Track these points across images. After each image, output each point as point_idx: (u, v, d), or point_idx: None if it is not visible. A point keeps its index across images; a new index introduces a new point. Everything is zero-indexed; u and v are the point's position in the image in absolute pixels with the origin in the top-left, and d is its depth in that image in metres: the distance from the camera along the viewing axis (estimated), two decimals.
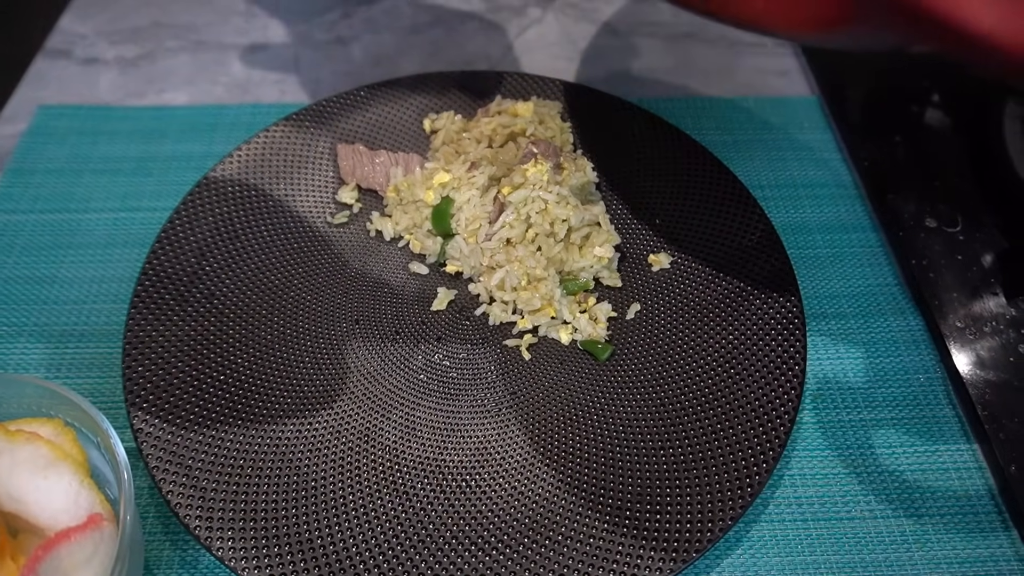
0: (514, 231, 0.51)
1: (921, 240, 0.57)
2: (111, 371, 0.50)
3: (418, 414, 0.48)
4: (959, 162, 0.62)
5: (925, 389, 0.50)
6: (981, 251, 0.56)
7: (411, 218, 0.55)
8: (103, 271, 0.56)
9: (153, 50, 0.74)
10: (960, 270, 0.55)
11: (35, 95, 0.69)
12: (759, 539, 0.44)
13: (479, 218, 0.52)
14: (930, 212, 0.59)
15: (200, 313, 0.50)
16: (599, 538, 0.41)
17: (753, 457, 0.43)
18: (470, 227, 0.52)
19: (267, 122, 0.65)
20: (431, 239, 0.54)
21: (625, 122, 0.61)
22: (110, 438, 0.36)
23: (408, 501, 0.43)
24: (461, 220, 0.53)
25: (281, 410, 0.47)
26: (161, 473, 0.42)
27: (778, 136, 0.66)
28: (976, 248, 0.56)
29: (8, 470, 0.35)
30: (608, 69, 0.73)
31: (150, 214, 0.59)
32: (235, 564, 0.39)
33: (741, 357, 0.48)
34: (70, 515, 0.35)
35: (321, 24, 0.77)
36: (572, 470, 0.45)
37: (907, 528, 0.44)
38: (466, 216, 0.53)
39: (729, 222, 0.54)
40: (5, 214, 0.59)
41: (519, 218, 0.51)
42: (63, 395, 0.37)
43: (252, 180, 0.57)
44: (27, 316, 0.53)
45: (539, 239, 0.51)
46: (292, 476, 0.44)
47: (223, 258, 0.53)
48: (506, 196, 0.51)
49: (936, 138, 0.64)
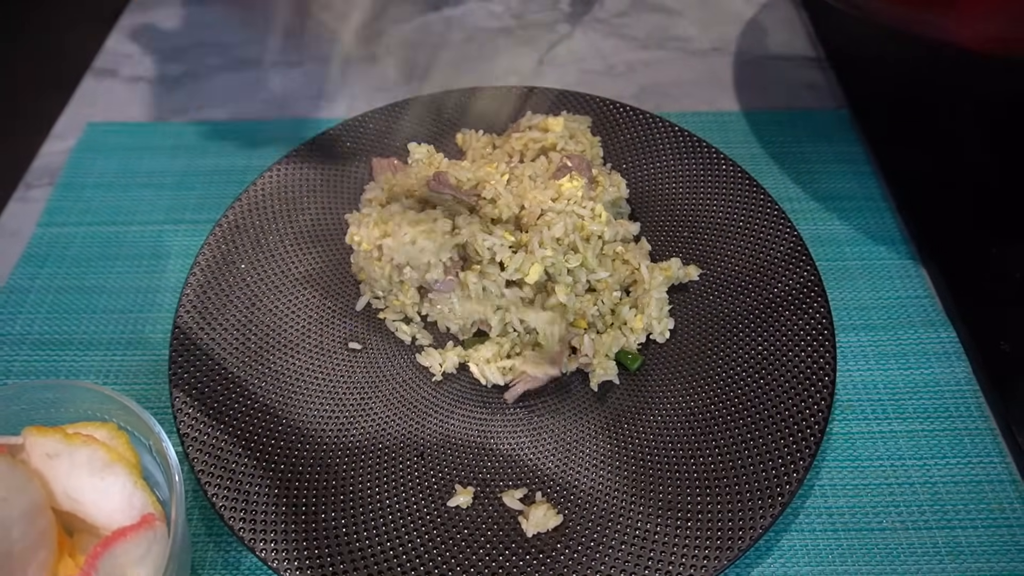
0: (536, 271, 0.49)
1: (952, 252, 0.57)
2: (157, 378, 0.52)
3: (452, 422, 0.49)
4: (989, 173, 0.62)
5: (957, 401, 0.50)
6: (1013, 262, 0.56)
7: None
8: (149, 281, 0.58)
9: (194, 68, 0.76)
10: (992, 282, 0.55)
11: (84, 112, 0.72)
12: (789, 548, 0.45)
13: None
14: (960, 223, 0.59)
15: (242, 322, 0.52)
16: (630, 544, 0.42)
17: (784, 466, 0.43)
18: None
19: (304, 137, 0.66)
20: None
21: (654, 136, 0.62)
22: (162, 441, 0.38)
23: (444, 506, 0.44)
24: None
25: (321, 416, 0.48)
26: (207, 477, 0.43)
27: (806, 149, 0.66)
28: (1008, 259, 0.56)
29: (67, 471, 0.37)
30: (637, 84, 0.74)
31: (193, 226, 0.62)
32: (278, 565, 0.40)
33: (771, 368, 0.48)
34: (125, 515, 0.36)
35: (355, 41, 0.79)
36: (603, 479, 0.45)
37: (939, 540, 0.44)
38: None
39: (759, 234, 0.55)
40: (56, 226, 0.62)
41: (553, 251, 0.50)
42: (117, 400, 0.39)
43: (291, 192, 0.59)
44: (77, 325, 0.55)
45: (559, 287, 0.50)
46: (332, 481, 0.45)
47: (265, 269, 0.55)
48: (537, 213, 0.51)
49: (966, 149, 0.64)
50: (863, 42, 0.74)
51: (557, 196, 0.51)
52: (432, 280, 0.49)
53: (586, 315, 0.51)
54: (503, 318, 0.50)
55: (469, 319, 0.51)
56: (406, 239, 0.48)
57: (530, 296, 0.50)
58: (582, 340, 0.50)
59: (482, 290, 0.49)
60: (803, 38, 0.78)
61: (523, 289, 0.50)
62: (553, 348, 0.49)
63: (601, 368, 0.49)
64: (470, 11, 0.83)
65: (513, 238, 0.50)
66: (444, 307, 0.50)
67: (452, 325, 0.52)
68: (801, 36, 0.78)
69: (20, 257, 0.60)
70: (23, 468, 0.36)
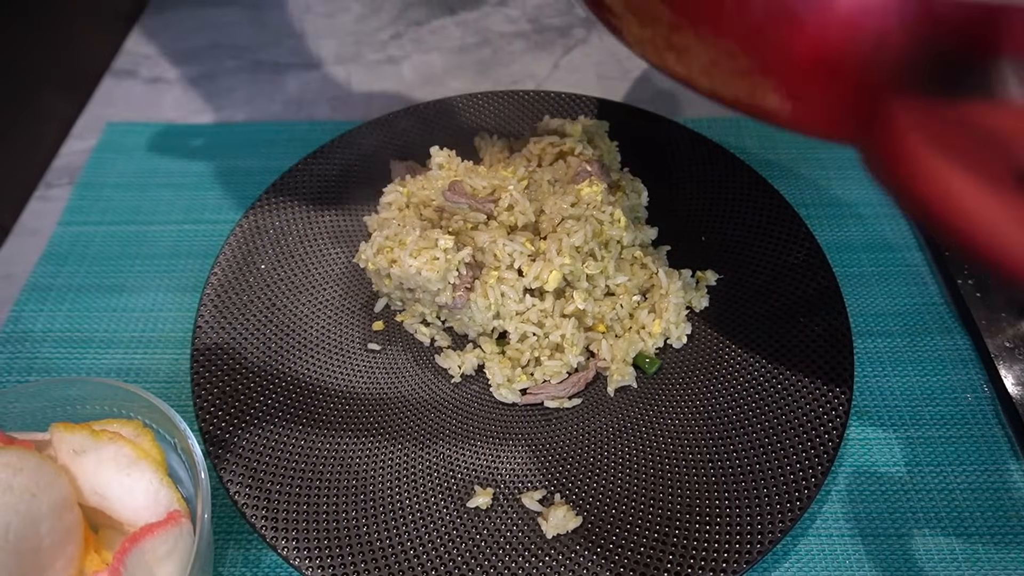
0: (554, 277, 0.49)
1: (968, 259, 0.57)
2: (177, 376, 0.53)
3: (471, 423, 0.49)
4: None
5: (973, 408, 0.50)
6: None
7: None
8: (168, 281, 0.59)
9: (213, 70, 0.77)
10: (1008, 289, 0.55)
11: (103, 113, 0.72)
12: (807, 553, 0.45)
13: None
14: None
15: (263, 322, 0.52)
16: (649, 547, 0.42)
17: (802, 472, 0.43)
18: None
19: (322, 139, 0.67)
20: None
21: (671, 141, 0.62)
22: (187, 439, 0.38)
23: (464, 507, 0.45)
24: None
25: (341, 416, 0.49)
26: (228, 475, 0.44)
27: (822, 155, 0.67)
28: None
29: (93, 467, 0.37)
30: (653, 89, 0.74)
31: (212, 226, 0.62)
32: (299, 563, 0.41)
33: (789, 374, 0.48)
34: (150, 511, 0.37)
35: (372, 44, 0.80)
36: (622, 482, 0.46)
37: (956, 546, 0.45)
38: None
39: (775, 240, 0.55)
40: (76, 226, 0.62)
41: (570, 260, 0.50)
42: (142, 397, 0.40)
43: (310, 194, 0.59)
44: (98, 323, 0.56)
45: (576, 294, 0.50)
46: (351, 480, 0.45)
47: (285, 269, 0.55)
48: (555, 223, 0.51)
49: None
50: None
51: (576, 201, 0.51)
52: (443, 303, 0.50)
53: (604, 319, 0.51)
54: (521, 328, 0.50)
55: (488, 326, 0.51)
56: (411, 271, 0.48)
57: (549, 307, 0.50)
58: (600, 344, 0.51)
59: (500, 295, 0.49)
60: None
61: (543, 299, 0.50)
62: (576, 354, 0.49)
63: (619, 373, 0.50)
64: (486, 15, 0.83)
65: (532, 247, 0.50)
66: (463, 316, 0.51)
67: (470, 332, 0.52)
68: None
69: (41, 255, 0.60)
70: (52, 464, 0.36)
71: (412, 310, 0.54)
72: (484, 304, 0.49)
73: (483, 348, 0.52)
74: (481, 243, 0.50)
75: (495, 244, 0.50)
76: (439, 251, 0.48)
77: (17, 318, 0.56)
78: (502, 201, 0.52)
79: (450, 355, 0.52)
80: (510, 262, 0.50)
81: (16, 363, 0.53)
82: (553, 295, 0.50)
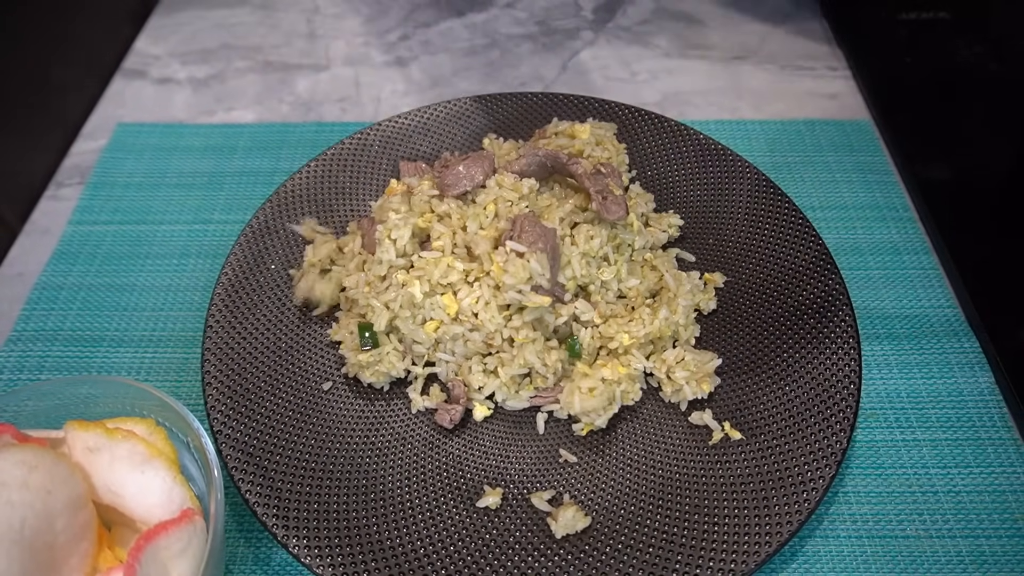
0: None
1: (974, 262, 0.57)
2: (187, 375, 0.53)
3: (480, 423, 0.49)
4: (1012, 183, 0.63)
5: (980, 411, 0.51)
6: None
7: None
8: (178, 280, 0.59)
9: (222, 70, 0.77)
10: (1015, 293, 0.55)
11: (114, 113, 0.73)
12: (814, 554, 0.45)
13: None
14: (983, 234, 0.59)
15: (272, 322, 0.52)
16: (657, 547, 0.42)
17: (809, 473, 0.44)
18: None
19: (331, 140, 0.67)
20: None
21: (679, 144, 0.62)
22: (201, 437, 0.38)
23: (473, 506, 0.45)
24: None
25: (351, 416, 0.49)
26: (239, 474, 0.44)
27: (829, 158, 0.67)
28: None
29: (107, 465, 0.38)
30: (660, 91, 0.74)
31: (221, 226, 0.63)
32: (310, 562, 0.41)
33: (796, 376, 0.48)
34: (164, 509, 0.37)
35: (381, 46, 0.80)
36: (630, 483, 0.46)
37: (963, 548, 0.45)
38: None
39: (783, 243, 0.55)
40: (87, 225, 0.63)
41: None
42: (155, 395, 0.40)
43: (319, 195, 0.60)
44: (108, 322, 0.56)
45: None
46: (361, 480, 0.45)
47: (294, 269, 0.55)
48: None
49: (989, 159, 0.65)
50: (886, 52, 0.75)
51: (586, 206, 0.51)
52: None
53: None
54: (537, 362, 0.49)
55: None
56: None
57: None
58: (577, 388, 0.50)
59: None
60: (826, 48, 0.78)
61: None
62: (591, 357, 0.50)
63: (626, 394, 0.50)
64: (494, 17, 0.84)
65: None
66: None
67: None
68: (824, 46, 0.78)
69: (52, 255, 0.61)
70: (66, 461, 0.37)
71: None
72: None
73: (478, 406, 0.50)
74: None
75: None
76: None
77: (28, 317, 0.56)
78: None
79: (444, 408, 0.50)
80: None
81: (28, 361, 0.54)
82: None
